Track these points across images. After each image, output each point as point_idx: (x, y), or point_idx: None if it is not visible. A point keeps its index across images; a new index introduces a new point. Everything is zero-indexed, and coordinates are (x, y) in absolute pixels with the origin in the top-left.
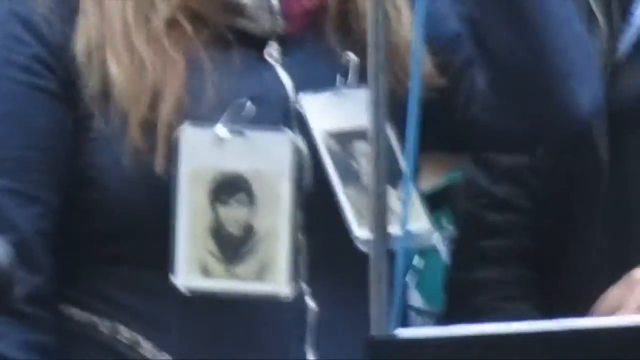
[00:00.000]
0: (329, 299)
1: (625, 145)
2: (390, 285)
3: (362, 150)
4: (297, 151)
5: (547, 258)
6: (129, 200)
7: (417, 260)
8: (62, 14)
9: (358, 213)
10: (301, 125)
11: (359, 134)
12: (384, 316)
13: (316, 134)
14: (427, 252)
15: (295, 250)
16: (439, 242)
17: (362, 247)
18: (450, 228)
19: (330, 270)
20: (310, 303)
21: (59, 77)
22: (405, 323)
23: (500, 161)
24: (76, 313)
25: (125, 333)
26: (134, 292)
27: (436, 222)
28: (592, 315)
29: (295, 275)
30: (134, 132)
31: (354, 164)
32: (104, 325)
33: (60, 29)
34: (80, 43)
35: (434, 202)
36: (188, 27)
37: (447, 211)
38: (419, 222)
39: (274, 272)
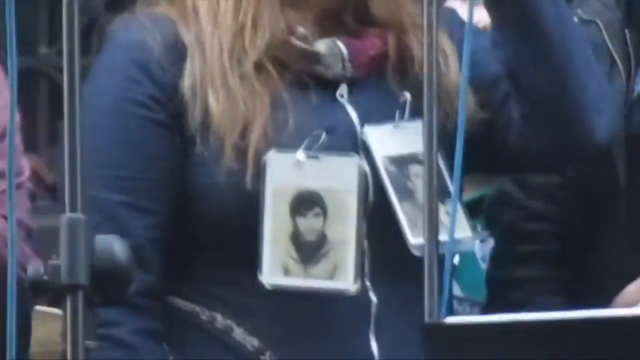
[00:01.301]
0: (388, 294)
1: (634, 167)
2: (440, 282)
3: (416, 172)
4: (362, 173)
5: (574, 260)
6: (225, 212)
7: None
8: (172, 59)
9: (412, 224)
10: (366, 152)
11: (414, 159)
12: (436, 307)
13: (378, 159)
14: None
15: (361, 254)
16: (476, 245)
17: (416, 252)
18: (483, 232)
19: (390, 270)
20: (373, 297)
21: (169, 111)
22: (451, 312)
23: (534, 180)
24: (182, 304)
25: (221, 320)
26: (228, 287)
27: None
28: (612, 307)
29: (360, 275)
30: (229, 156)
31: (409, 184)
32: (204, 314)
33: (170, 72)
34: (187, 83)
35: (470, 211)
36: (273, 71)
37: (481, 218)
38: (463, 231)
39: (343, 272)
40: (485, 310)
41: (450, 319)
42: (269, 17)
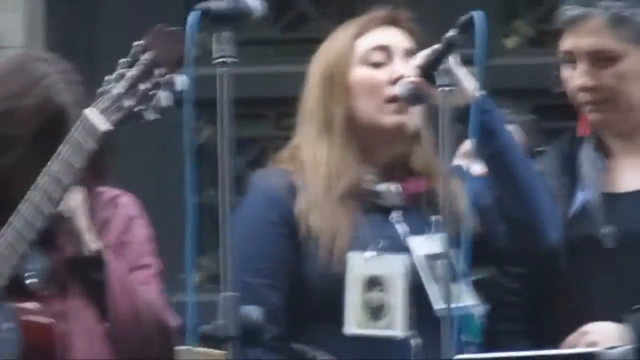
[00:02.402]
0: (423, 339)
1: (576, 264)
2: (452, 332)
3: (440, 265)
4: (407, 265)
5: (536, 321)
6: (322, 289)
7: None
8: (290, 195)
9: (437, 297)
10: (409, 252)
11: (439, 257)
12: (450, 348)
13: (416, 257)
14: None
15: (407, 315)
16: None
17: (439, 314)
18: (480, 301)
19: (424, 325)
20: (413, 342)
21: (289, 227)
22: (460, 351)
23: (511, 270)
24: (297, 346)
25: (320, 356)
26: (324, 335)
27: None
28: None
29: (406, 327)
30: (323, 254)
31: (435, 272)
32: (310, 353)
33: (288, 203)
34: (298, 210)
35: (473, 287)
36: (351, 203)
37: (480, 292)
38: (469, 301)
39: (396, 326)
40: (481, 350)
41: (459, 356)
42: (348, 169)
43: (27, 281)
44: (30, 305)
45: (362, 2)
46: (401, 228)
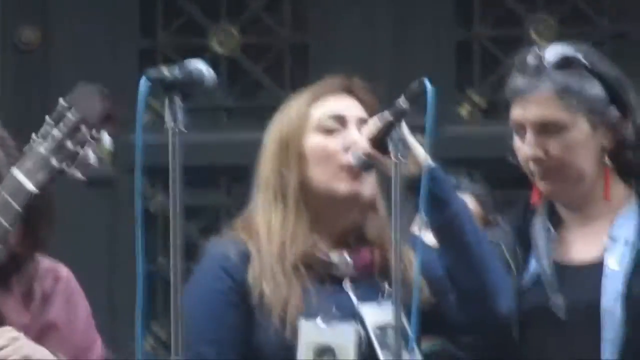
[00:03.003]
0: None
1: (528, 334)
2: None
3: (391, 334)
4: (358, 333)
5: None
6: (273, 357)
7: None
8: (242, 263)
9: None
10: (361, 321)
11: (390, 325)
12: None
13: (368, 325)
14: None
15: None
16: None
17: None
18: None
19: None
20: None
21: (240, 295)
22: None
23: (463, 340)
24: None
25: None
26: None
27: None
28: None
29: None
30: (275, 322)
31: (387, 340)
32: None
33: (241, 271)
34: (250, 277)
35: (424, 357)
36: (304, 271)
37: None
38: None
39: None
40: None
41: None
42: (301, 237)
43: None
44: None
45: (315, 71)
46: (353, 297)
